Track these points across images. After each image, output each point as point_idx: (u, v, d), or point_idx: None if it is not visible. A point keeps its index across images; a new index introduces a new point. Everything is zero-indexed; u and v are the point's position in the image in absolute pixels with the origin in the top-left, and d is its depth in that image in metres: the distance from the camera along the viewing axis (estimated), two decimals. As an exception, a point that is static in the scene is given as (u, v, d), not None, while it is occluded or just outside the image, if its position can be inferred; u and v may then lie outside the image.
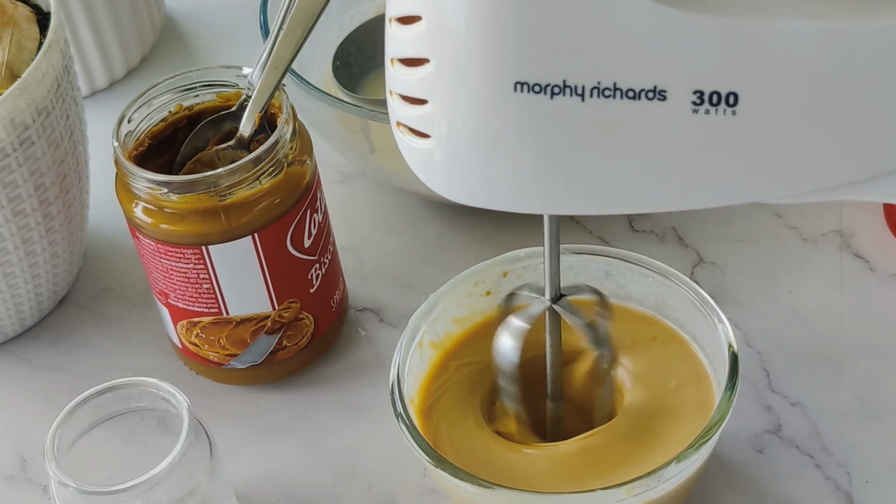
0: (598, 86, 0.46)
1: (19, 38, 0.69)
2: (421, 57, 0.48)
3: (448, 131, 0.48)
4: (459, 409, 0.64)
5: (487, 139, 0.48)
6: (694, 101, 0.45)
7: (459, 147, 0.49)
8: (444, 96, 0.48)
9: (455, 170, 0.49)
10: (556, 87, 0.46)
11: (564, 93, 0.46)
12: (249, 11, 0.87)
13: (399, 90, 0.49)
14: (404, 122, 0.50)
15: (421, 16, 0.47)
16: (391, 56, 0.49)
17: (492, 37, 0.46)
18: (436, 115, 0.48)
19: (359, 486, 0.67)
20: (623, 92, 0.46)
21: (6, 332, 0.75)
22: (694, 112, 0.46)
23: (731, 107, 0.45)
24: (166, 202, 0.64)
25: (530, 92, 0.46)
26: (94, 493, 0.57)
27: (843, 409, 0.67)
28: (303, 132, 0.68)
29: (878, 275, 0.73)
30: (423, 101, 0.48)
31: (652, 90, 0.45)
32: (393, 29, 0.48)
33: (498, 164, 0.48)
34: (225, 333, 0.68)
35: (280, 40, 0.64)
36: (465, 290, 0.66)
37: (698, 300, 0.63)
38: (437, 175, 0.50)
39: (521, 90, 0.46)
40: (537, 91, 0.46)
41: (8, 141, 0.66)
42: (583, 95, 0.46)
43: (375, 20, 0.84)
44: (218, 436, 0.63)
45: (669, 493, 0.58)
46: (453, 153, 0.49)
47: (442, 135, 0.49)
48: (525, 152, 0.48)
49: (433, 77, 0.47)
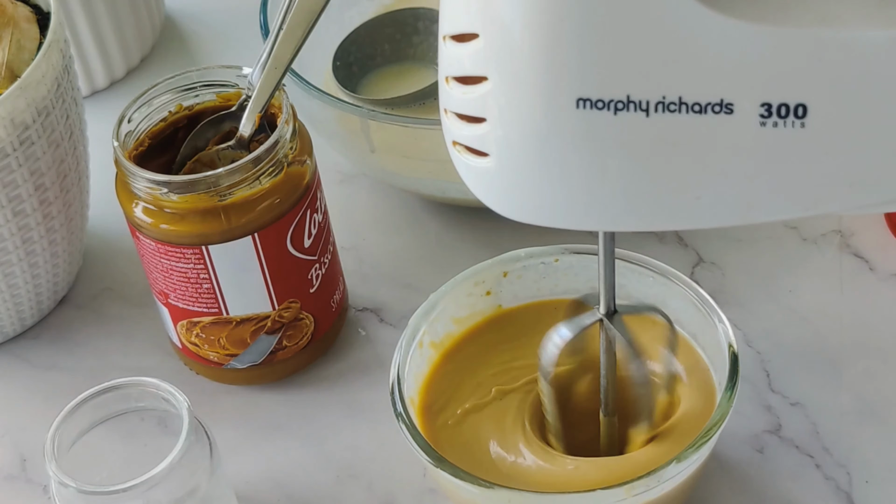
0: (664, 100, 0.45)
1: (19, 38, 0.69)
2: (478, 75, 0.47)
3: (507, 150, 0.47)
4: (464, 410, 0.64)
5: (549, 157, 0.47)
6: (762, 114, 0.45)
7: (519, 165, 0.47)
8: (503, 114, 0.47)
9: (515, 189, 0.48)
10: (620, 102, 0.45)
11: (628, 108, 0.45)
12: (249, 11, 0.87)
13: (455, 108, 0.48)
14: (461, 140, 0.49)
15: (478, 33, 0.46)
16: (446, 74, 0.48)
17: (552, 53, 0.45)
18: (494, 134, 0.47)
19: (359, 486, 0.67)
20: (689, 106, 0.45)
21: (6, 332, 0.75)
22: (762, 125, 0.45)
23: (800, 119, 0.44)
24: (166, 202, 0.64)
25: (593, 108, 0.45)
26: (94, 493, 0.57)
27: (843, 409, 0.67)
28: (303, 132, 0.68)
29: (878, 275, 0.73)
30: (481, 120, 0.47)
31: (718, 104, 0.45)
32: (448, 47, 0.47)
33: (560, 182, 0.47)
34: (225, 333, 0.68)
35: (280, 40, 0.64)
36: (465, 290, 0.66)
37: (698, 300, 0.63)
38: (496, 194, 0.49)
39: (583, 106, 0.45)
40: (600, 107, 0.45)
41: (8, 141, 0.66)
42: (647, 110, 0.45)
43: (375, 20, 0.84)
44: (218, 436, 0.63)
45: (669, 493, 0.58)
46: (513, 172, 0.48)
47: (501, 153, 0.48)
48: (588, 170, 0.47)
49: (491, 95, 0.46)
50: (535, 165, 0.47)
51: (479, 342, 0.66)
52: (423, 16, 0.83)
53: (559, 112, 0.45)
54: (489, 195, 0.50)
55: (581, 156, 0.46)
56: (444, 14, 0.47)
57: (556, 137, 0.46)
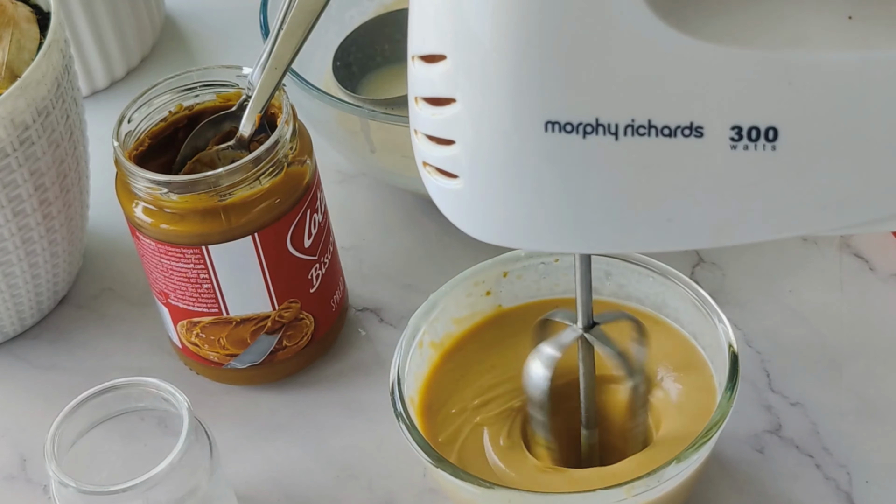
0: (633, 123, 0.44)
1: (19, 38, 0.69)
2: (447, 96, 0.46)
3: (477, 172, 0.47)
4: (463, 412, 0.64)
5: (518, 180, 0.46)
6: (732, 137, 0.44)
7: (489, 188, 0.47)
8: (472, 137, 0.46)
9: (485, 210, 0.48)
10: (589, 125, 0.45)
11: (597, 132, 0.45)
12: (249, 11, 0.87)
13: (425, 130, 0.48)
14: (431, 162, 0.48)
15: (446, 54, 0.46)
16: (416, 95, 0.48)
17: (520, 75, 0.44)
18: (464, 156, 0.47)
19: (359, 486, 0.67)
20: (658, 129, 0.44)
21: (6, 332, 0.75)
22: (732, 148, 0.44)
23: (771, 142, 0.44)
24: (166, 202, 0.64)
25: (562, 132, 0.45)
26: (94, 493, 0.57)
27: (843, 409, 0.67)
28: (303, 132, 0.68)
29: (878, 275, 0.73)
30: (450, 142, 0.47)
31: (688, 127, 0.44)
32: (417, 67, 0.47)
33: (530, 205, 0.47)
34: (225, 333, 0.68)
35: (280, 40, 0.64)
36: (465, 290, 0.66)
37: (698, 300, 0.63)
38: (466, 215, 0.49)
39: (552, 130, 0.45)
40: (569, 130, 0.45)
41: (8, 141, 0.66)
42: (616, 134, 0.45)
43: (375, 20, 0.84)
44: (218, 436, 0.63)
45: (669, 493, 0.58)
46: (483, 194, 0.48)
47: (470, 175, 0.47)
48: (558, 193, 0.46)
49: (460, 117, 0.46)
50: (504, 188, 0.47)
51: (479, 342, 0.66)
52: (423, 16, 0.83)
53: (527, 135, 0.45)
54: (459, 216, 0.49)
55: (550, 179, 0.46)
56: (413, 34, 0.47)
57: (524, 160, 0.46)
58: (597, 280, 0.65)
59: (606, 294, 0.66)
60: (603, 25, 0.43)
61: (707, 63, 0.43)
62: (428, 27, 0.46)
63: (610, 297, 0.66)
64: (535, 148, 0.45)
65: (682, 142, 0.44)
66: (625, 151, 0.45)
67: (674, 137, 0.44)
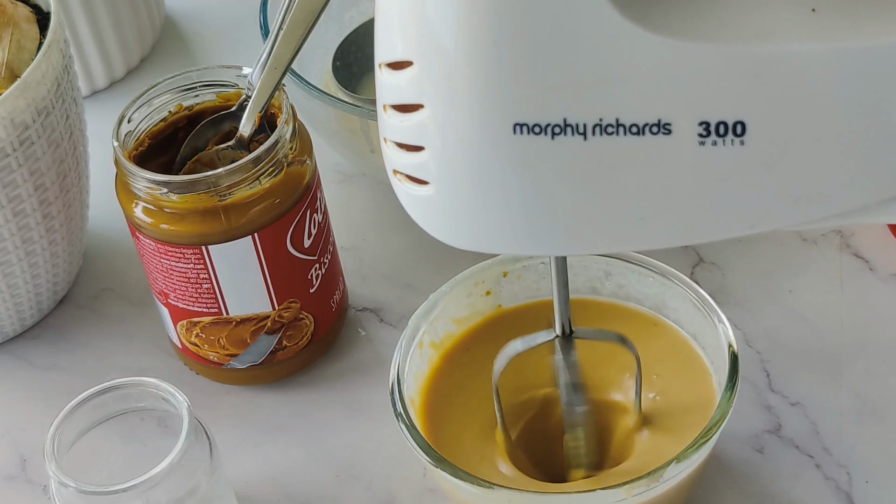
0: (601, 123, 0.44)
1: (19, 38, 0.69)
2: (414, 103, 0.46)
3: (446, 177, 0.47)
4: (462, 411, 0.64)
5: (488, 184, 0.46)
6: (700, 133, 0.44)
7: (459, 193, 0.47)
8: (441, 142, 0.46)
9: (456, 216, 0.48)
10: (557, 126, 0.44)
11: (566, 132, 0.45)
12: (249, 11, 0.87)
13: (394, 137, 0.48)
14: (401, 169, 0.48)
15: (412, 60, 0.45)
16: (383, 102, 0.47)
17: (486, 78, 0.44)
18: (433, 162, 0.47)
19: (359, 486, 0.67)
20: (626, 128, 0.44)
21: (6, 332, 0.75)
22: (701, 144, 0.44)
23: (739, 136, 0.44)
24: (166, 202, 0.64)
25: (530, 133, 0.45)
26: (94, 493, 0.57)
27: (843, 409, 0.67)
28: (303, 132, 0.68)
29: (878, 275, 0.73)
30: (420, 148, 0.47)
31: (656, 124, 0.44)
32: (383, 75, 0.47)
33: (500, 209, 0.47)
34: (225, 333, 0.68)
35: (280, 40, 0.64)
36: (465, 290, 0.66)
37: (698, 300, 0.63)
38: (438, 222, 0.49)
39: (520, 132, 0.45)
40: (537, 132, 0.45)
41: (8, 141, 0.66)
42: (585, 134, 0.45)
43: (375, 20, 0.84)
44: (218, 436, 0.63)
45: (669, 493, 0.58)
46: (454, 199, 0.47)
47: (441, 181, 0.47)
48: (528, 195, 0.46)
49: (428, 122, 0.46)
50: (474, 192, 0.47)
51: (479, 342, 0.66)
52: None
53: (496, 138, 0.45)
54: (431, 223, 0.49)
55: (520, 181, 0.46)
56: (379, 42, 0.47)
57: (494, 163, 0.46)
58: (596, 280, 0.65)
59: (606, 294, 0.66)
60: (568, 25, 0.43)
61: (672, 59, 0.43)
62: (393, 34, 0.46)
63: (610, 297, 0.66)
64: (503, 151, 0.45)
65: (651, 139, 0.45)
66: (594, 151, 0.45)
67: (642, 135, 0.44)
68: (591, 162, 0.45)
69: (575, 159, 0.45)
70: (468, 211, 0.48)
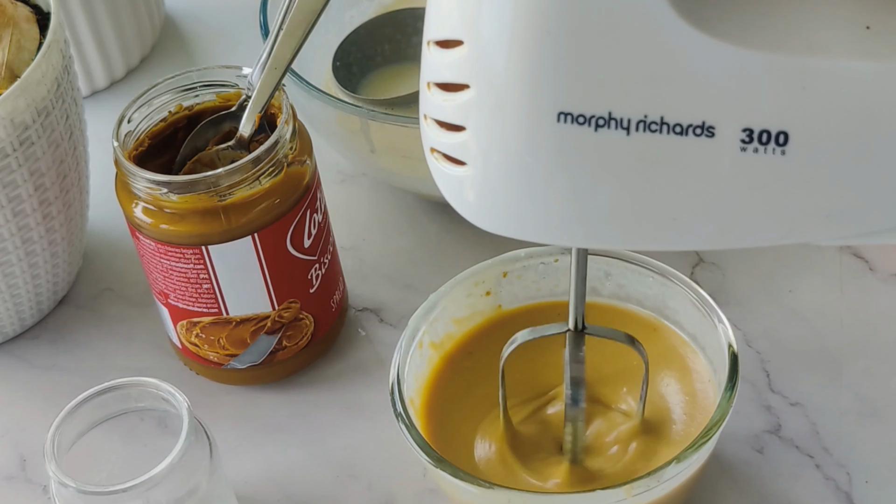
0: (645, 119, 0.44)
1: (19, 38, 0.69)
2: (461, 83, 0.46)
3: (485, 160, 0.47)
4: (461, 410, 0.64)
5: (526, 170, 0.46)
6: (743, 140, 0.44)
7: (497, 177, 0.47)
8: (483, 124, 0.46)
9: (490, 200, 0.48)
10: (601, 119, 0.44)
11: (609, 125, 0.44)
12: (249, 11, 0.87)
13: (435, 115, 0.48)
14: (439, 148, 0.48)
15: (463, 40, 0.45)
16: (428, 80, 0.47)
17: (536, 65, 0.44)
18: (473, 143, 0.47)
19: (359, 486, 0.67)
20: (670, 127, 0.44)
21: (6, 332, 0.75)
22: (742, 150, 0.44)
23: (781, 146, 0.44)
24: (166, 202, 0.64)
25: (574, 123, 0.45)
26: (94, 493, 0.57)
27: (843, 409, 0.67)
28: (303, 132, 0.68)
29: (878, 275, 0.73)
30: (461, 128, 0.47)
31: (700, 126, 0.44)
32: (431, 52, 0.47)
33: (536, 196, 0.47)
34: (225, 333, 0.68)
35: (280, 40, 0.64)
36: (465, 290, 0.66)
37: (698, 300, 0.63)
38: (471, 204, 0.49)
39: (564, 121, 0.45)
40: (581, 122, 0.45)
41: (8, 141, 0.66)
42: (628, 129, 0.44)
43: (375, 20, 0.84)
44: (218, 436, 0.63)
45: (669, 493, 0.58)
46: (490, 183, 0.47)
47: (479, 163, 0.47)
48: (565, 185, 0.46)
49: (472, 104, 0.46)
50: (511, 177, 0.47)
51: (479, 342, 0.66)
52: (423, 16, 0.83)
53: (539, 125, 0.45)
54: (464, 205, 0.49)
55: (559, 170, 0.46)
56: (430, 19, 0.47)
57: (534, 150, 0.46)
58: (596, 280, 0.65)
59: (606, 295, 0.66)
60: (623, 20, 0.43)
61: (724, 63, 0.43)
62: (446, 12, 0.46)
63: (610, 297, 0.66)
64: (545, 139, 0.45)
65: (693, 141, 0.44)
66: (635, 147, 0.45)
67: (685, 136, 0.44)
68: (630, 157, 0.45)
69: (615, 153, 0.45)
70: (502, 195, 0.47)
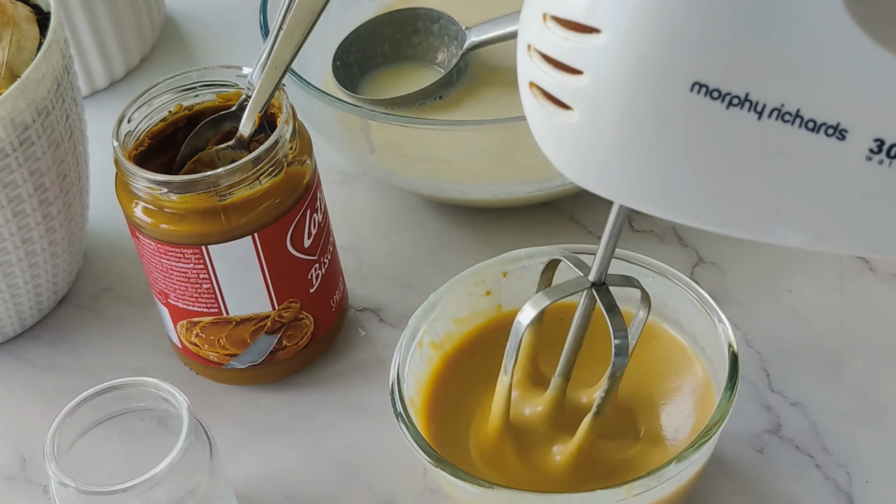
0: (780, 108, 0.43)
1: (19, 38, 0.69)
2: (592, 26, 0.43)
3: (598, 112, 0.44)
4: (462, 410, 0.64)
5: (641, 132, 0.44)
6: (871, 149, 0.43)
7: (606, 132, 0.44)
8: (609, 75, 0.43)
9: (591, 152, 0.45)
10: (736, 98, 0.43)
11: (742, 106, 0.43)
12: (249, 11, 0.87)
13: (546, 50, 0.44)
14: (542, 85, 0.45)
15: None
16: (544, 11, 0.44)
17: (685, 27, 0.42)
18: (589, 91, 0.44)
19: (359, 486, 0.67)
20: (804, 121, 0.43)
21: (6, 332, 0.75)
22: (868, 159, 0.43)
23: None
24: (166, 202, 0.64)
25: (706, 96, 0.43)
26: (94, 493, 0.57)
27: (843, 409, 0.67)
28: (303, 132, 0.68)
29: (878, 275, 0.73)
30: (577, 72, 0.44)
31: (833, 127, 0.43)
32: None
33: (643, 160, 0.45)
34: (225, 333, 0.68)
35: (280, 40, 0.64)
36: (465, 290, 0.66)
37: (698, 300, 0.63)
38: (565, 151, 0.46)
39: (697, 91, 0.43)
40: (714, 97, 0.43)
41: (8, 141, 0.66)
42: (760, 114, 0.43)
43: (375, 20, 0.84)
44: (218, 436, 0.63)
45: (669, 493, 0.58)
46: (596, 135, 0.45)
47: (589, 113, 0.44)
48: (677, 155, 0.44)
49: (601, 51, 0.43)
50: (623, 136, 0.44)
51: (479, 342, 0.66)
52: (423, 16, 0.83)
53: (671, 90, 0.43)
54: (556, 150, 0.46)
55: (676, 140, 0.44)
56: None
57: (656, 114, 0.44)
58: (597, 280, 0.65)
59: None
60: (793, 7, 0.42)
61: (880, 71, 0.42)
62: None
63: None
64: (672, 105, 0.43)
65: (822, 140, 0.43)
66: (761, 134, 0.43)
67: (815, 133, 0.43)
68: (753, 143, 0.44)
69: (739, 136, 0.44)
70: (606, 151, 0.45)
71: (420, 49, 0.84)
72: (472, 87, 0.81)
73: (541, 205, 0.78)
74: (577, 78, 0.44)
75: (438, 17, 0.83)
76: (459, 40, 0.82)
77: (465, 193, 0.76)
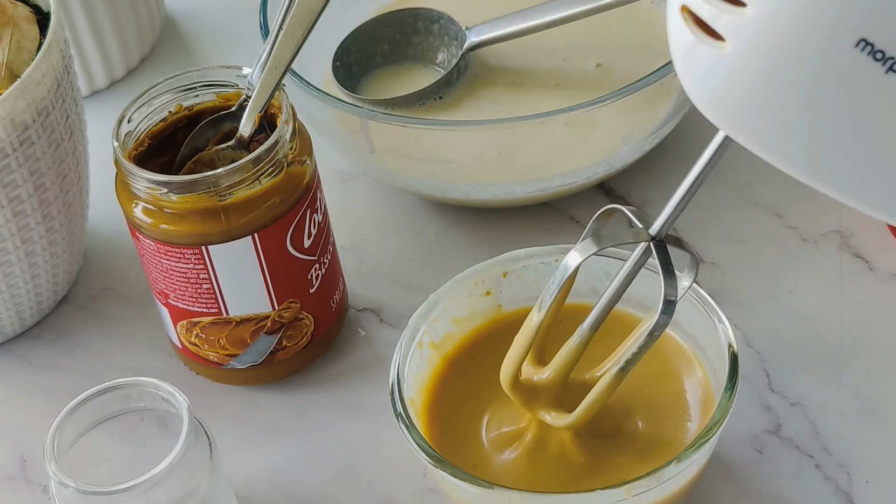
0: None
1: (19, 38, 0.69)
2: None
3: (755, 49, 0.42)
4: (462, 409, 0.64)
5: (791, 77, 0.42)
6: None
7: (757, 72, 0.43)
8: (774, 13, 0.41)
9: (735, 91, 0.43)
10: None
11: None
12: (249, 11, 0.87)
13: None
14: (697, 11, 0.43)
15: None
16: None
17: None
18: (749, 26, 0.42)
19: (359, 486, 0.67)
20: None
21: (6, 332, 0.75)
22: None
23: None
24: (166, 202, 0.64)
25: (869, 55, 0.41)
26: (94, 493, 0.57)
27: (843, 409, 0.67)
28: (303, 132, 0.68)
29: (878, 275, 0.73)
30: (741, 4, 0.42)
31: None
32: None
33: (785, 106, 0.43)
34: (225, 333, 0.68)
35: (280, 40, 0.64)
36: (465, 290, 0.66)
37: (698, 300, 0.63)
38: (703, 83, 0.44)
39: (861, 49, 0.41)
40: (877, 58, 0.41)
41: (8, 141, 0.66)
42: None
43: (375, 20, 0.84)
44: (218, 436, 0.63)
45: (669, 493, 0.58)
46: (746, 74, 0.43)
47: (744, 49, 0.42)
48: (822, 110, 0.42)
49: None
50: (774, 80, 0.43)
51: (480, 342, 0.66)
52: (423, 16, 0.83)
53: (835, 42, 0.41)
54: (694, 81, 0.44)
55: (826, 95, 0.42)
56: None
57: (814, 63, 0.42)
58: (596, 280, 0.65)
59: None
60: None
61: None
62: None
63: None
64: (832, 57, 0.42)
65: None
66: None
67: None
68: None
69: (891, 102, 0.42)
70: (752, 93, 0.43)
71: (420, 49, 0.84)
72: (472, 87, 0.81)
73: (541, 205, 0.78)
74: (740, 10, 0.42)
75: (438, 17, 0.83)
76: (459, 40, 0.82)
77: (465, 194, 0.76)
